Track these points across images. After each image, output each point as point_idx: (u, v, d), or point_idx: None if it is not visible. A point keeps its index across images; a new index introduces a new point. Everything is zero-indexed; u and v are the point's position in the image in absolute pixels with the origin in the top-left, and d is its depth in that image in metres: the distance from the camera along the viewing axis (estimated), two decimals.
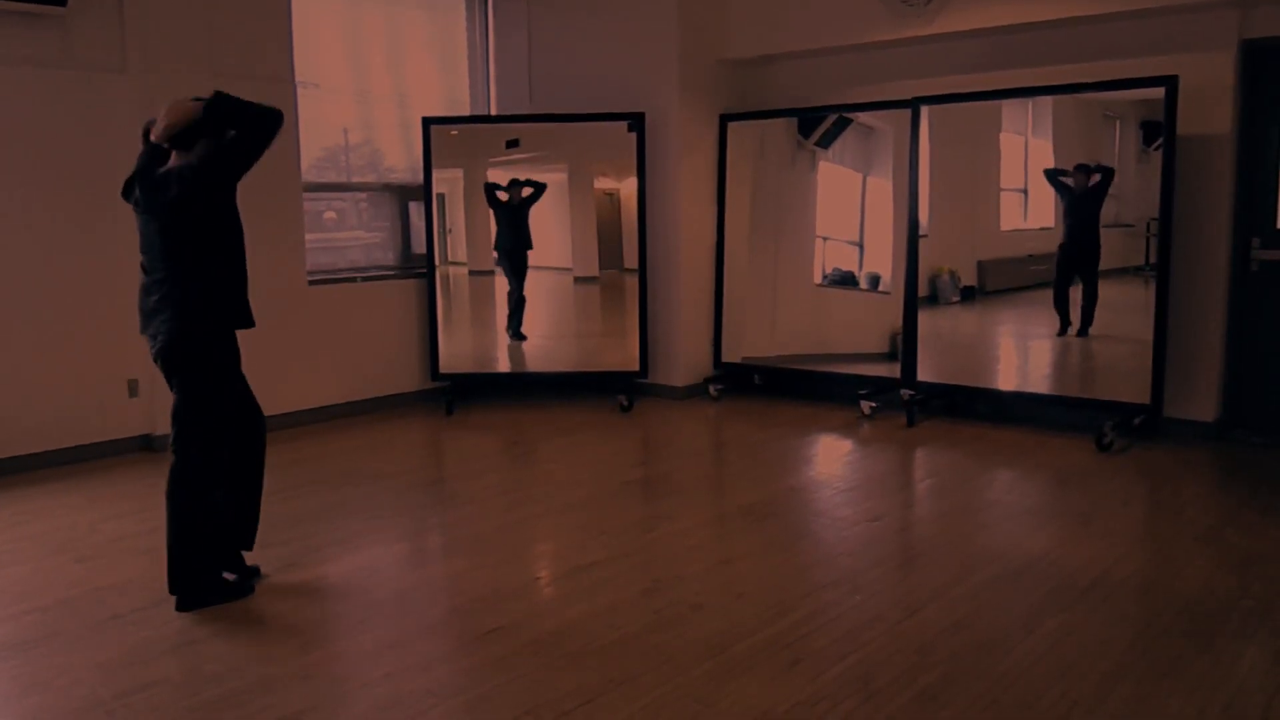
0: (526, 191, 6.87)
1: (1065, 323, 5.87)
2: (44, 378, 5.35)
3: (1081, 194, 5.80)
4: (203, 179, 3.40)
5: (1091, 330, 5.80)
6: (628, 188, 6.87)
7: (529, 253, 6.97)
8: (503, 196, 6.88)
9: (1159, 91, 5.37)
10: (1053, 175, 5.94)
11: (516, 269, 6.96)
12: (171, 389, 3.55)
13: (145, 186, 3.45)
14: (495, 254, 6.96)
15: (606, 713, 2.74)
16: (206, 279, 3.46)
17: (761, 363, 7.04)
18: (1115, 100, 5.69)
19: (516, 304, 6.97)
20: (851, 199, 6.77)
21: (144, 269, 3.52)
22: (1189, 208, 5.54)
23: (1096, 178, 5.76)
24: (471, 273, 7.01)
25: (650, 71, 6.77)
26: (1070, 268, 5.85)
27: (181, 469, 3.53)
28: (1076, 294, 5.83)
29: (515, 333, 6.98)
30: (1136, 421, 5.55)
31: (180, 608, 3.49)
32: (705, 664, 3.01)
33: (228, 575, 3.66)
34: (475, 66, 7.53)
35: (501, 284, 7.03)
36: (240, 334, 3.65)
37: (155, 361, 3.53)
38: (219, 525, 3.61)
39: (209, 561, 3.59)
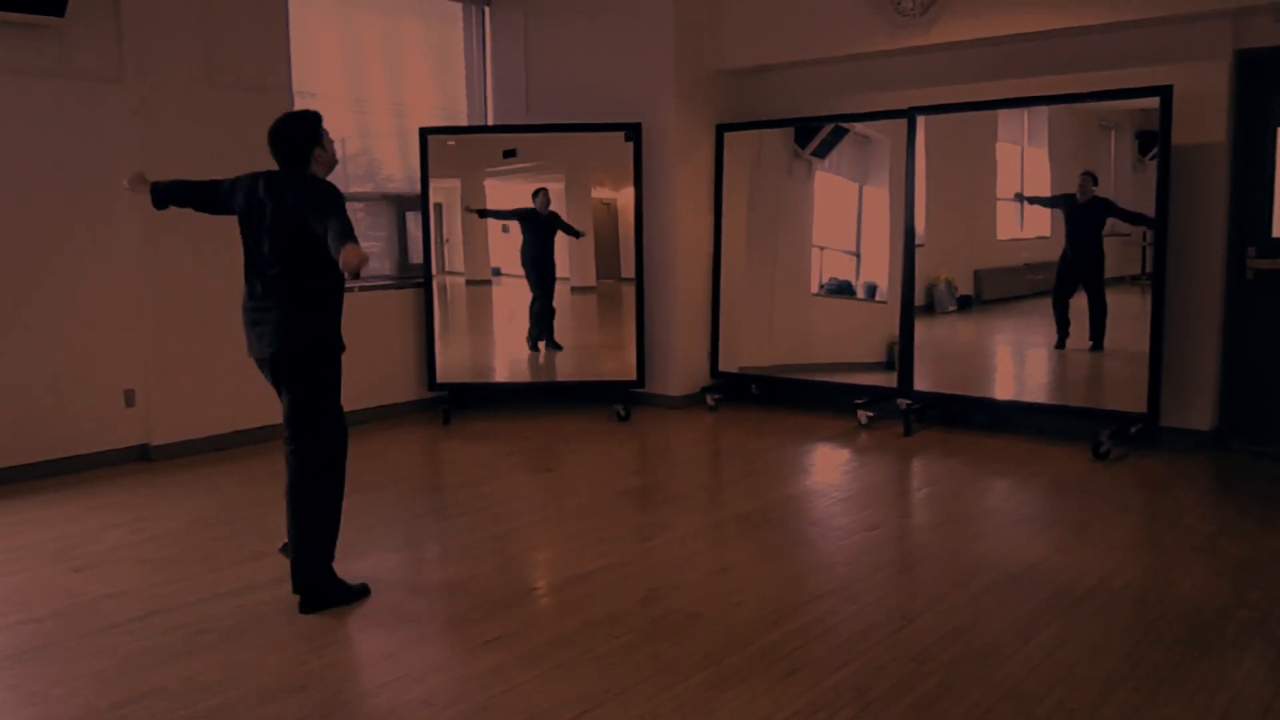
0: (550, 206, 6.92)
1: (1065, 334, 5.86)
2: (41, 387, 5.35)
3: (1086, 204, 5.80)
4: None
5: (1101, 343, 5.78)
6: (625, 197, 6.88)
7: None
8: (535, 205, 6.88)
9: (1154, 101, 5.40)
10: (1036, 199, 5.98)
11: (543, 280, 6.97)
12: (281, 396, 3.62)
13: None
14: (522, 267, 6.98)
15: None
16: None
17: (758, 372, 7.04)
18: (1111, 110, 5.71)
19: (546, 314, 6.97)
20: (848, 208, 6.78)
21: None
22: (1184, 217, 5.55)
23: (1091, 185, 5.79)
24: (468, 282, 7.02)
25: (647, 82, 6.79)
26: (1073, 278, 5.85)
27: (302, 471, 3.57)
28: (1076, 303, 5.83)
29: (550, 342, 6.98)
30: (1133, 430, 5.56)
31: (305, 609, 3.52)
32: (702, 673, 3.01)
33: None
34: (472, 76, 7.55)
35: (500, 294, 7.04)
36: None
37: (264, 369, 3.62)
38: (336, 526, 3.64)
39: (330, 562, 3.61)
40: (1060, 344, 5.87)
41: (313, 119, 3.60)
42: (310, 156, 3.56)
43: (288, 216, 3.45)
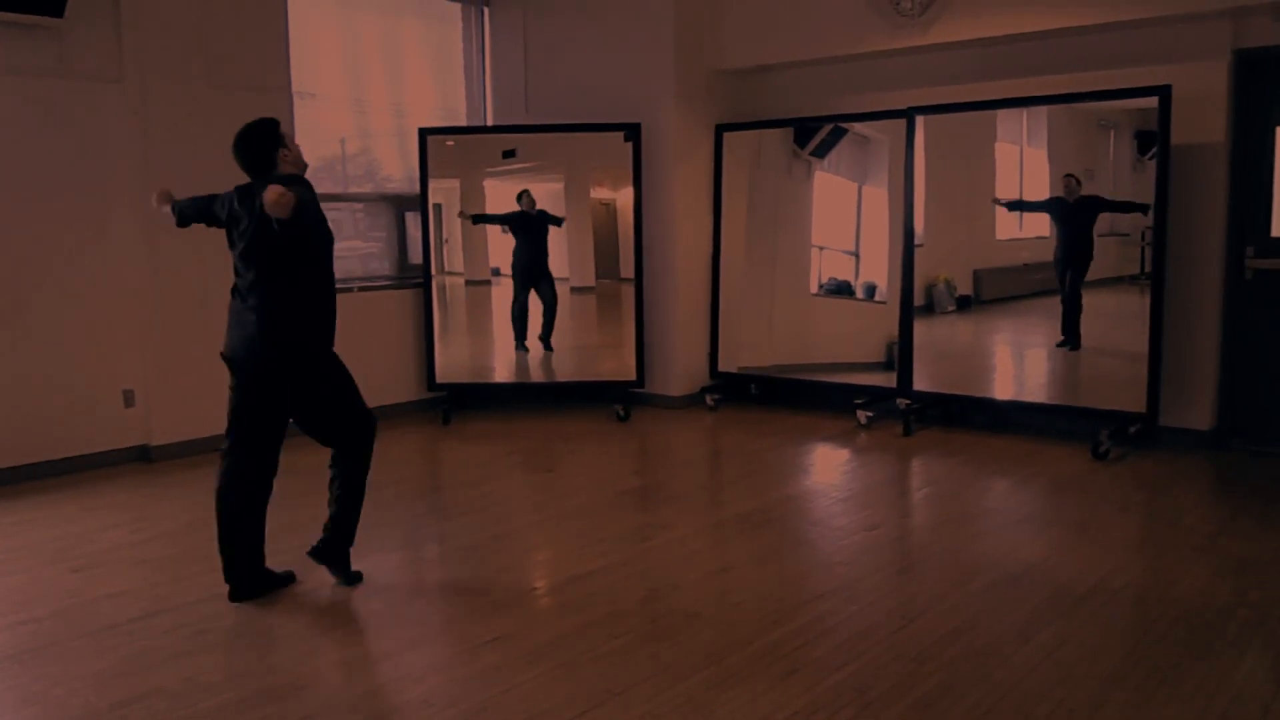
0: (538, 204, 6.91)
1: (1069, 335, 5.86)
2: (40, 388, 5.34)
3: (1074, 204, 5.81)
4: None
5: (1082, 343, 5.78)
6: (624, 197, 6.88)
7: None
8: (523, 207, 6.87)
9: (1153, 101, 5.40)
10: (1025, 204, 5.98)
11: (539, 283, 6.95)
12: (244, 399, 3.71)
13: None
14: (512, 271, 6.98)
15: None
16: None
17: (758, 372, 7.04)
18: (1110, 110, 5.71)
19: (549, 314, 6.96)
20: (847, 208, 6.78)
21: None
22: (1183, 216, 5.56)
23: (1077, 186, 5.79)
24: (468, 282, 7.02)
25: (646, 82, 6.79)
26: (1062, 276, 5.87)
27: (361, 462, 3.78)
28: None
29: (545, 343, 6.98)
30: (1132, 430, 5.56)
31: (352, 582, 3.77)
32: (702, 673, 3.01)
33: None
34: (472, 77, 7.54)
35: (499, 294, 7.04)
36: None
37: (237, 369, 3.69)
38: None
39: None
40: (1075, 345, 5.86)
41: (269, 124, 3.66)
42: (275, 160, 3.62)
43: (262, 224, 3.50)
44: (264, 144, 3.60)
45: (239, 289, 3.66)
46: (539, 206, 6.90)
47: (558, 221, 6.92)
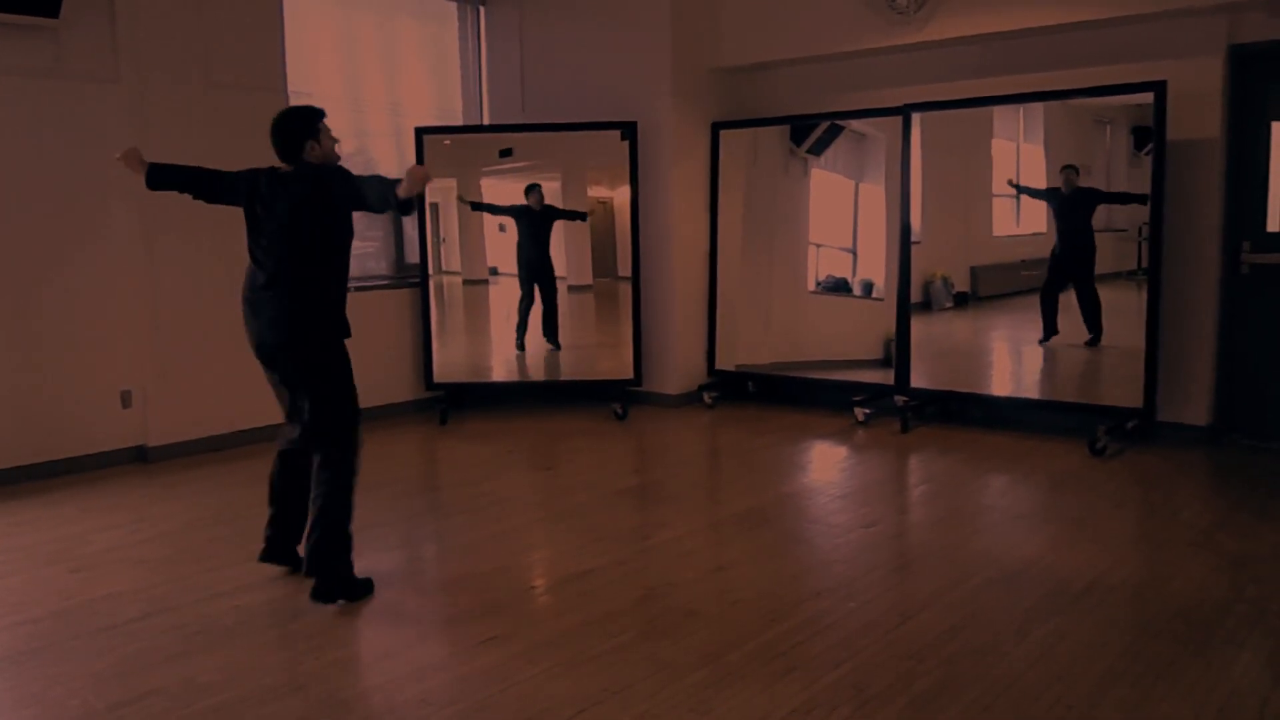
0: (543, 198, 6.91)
1: (1051, 330, 5.88)
2: (37, 389, 5.34)
3: (1070, 196, 5.82)
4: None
5: (1089, 338, 5.79)
6: (621, 196, 6.88)
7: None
8: (529, 202, 6.87)
9: (1149, 96, 5.40)
10: (1027, 189, 5.99)
11: (541, 279, 6.95)
12: (298, 397, 3.66)
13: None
14: (517, 267, 6.97)
15: None
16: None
17: (755, 370, 7.05)
18: (1106, 105, 5.72)
19: (551, 314, 6.96)
20: (844, 206, 6.78)
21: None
22: (1180, 212, 5.56)
23: (1075, 178, 5.80)
24: (465, 282, 7.02)
25: (643, 80, 6.79)
26: (1061, 274, 5.87)
27: (335, 470, 3.60)
28: (1065, 300, 5.84)
29: (554, 343, 6.97)
30: (1129, 426, 5.57)
31: (318, 598, 3.56)
32: (700, 671, 3.01)
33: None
34: (468, 76, 7.54)
35: (497, 293, 7.04)
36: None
37: (264, 357, 3.65)
38: (349, 518, 3.68)
39: (349, 557, 3.65)
40: (1045, 339, 5.90)
41: (310, 113, 3.66)
42: (303, 149, 3.61)
43: (297, 211, 3.53)
44: (294, 130, 3.60)
45: (261, 278, 3.60)
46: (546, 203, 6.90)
47: (574, 216, 6.89)
